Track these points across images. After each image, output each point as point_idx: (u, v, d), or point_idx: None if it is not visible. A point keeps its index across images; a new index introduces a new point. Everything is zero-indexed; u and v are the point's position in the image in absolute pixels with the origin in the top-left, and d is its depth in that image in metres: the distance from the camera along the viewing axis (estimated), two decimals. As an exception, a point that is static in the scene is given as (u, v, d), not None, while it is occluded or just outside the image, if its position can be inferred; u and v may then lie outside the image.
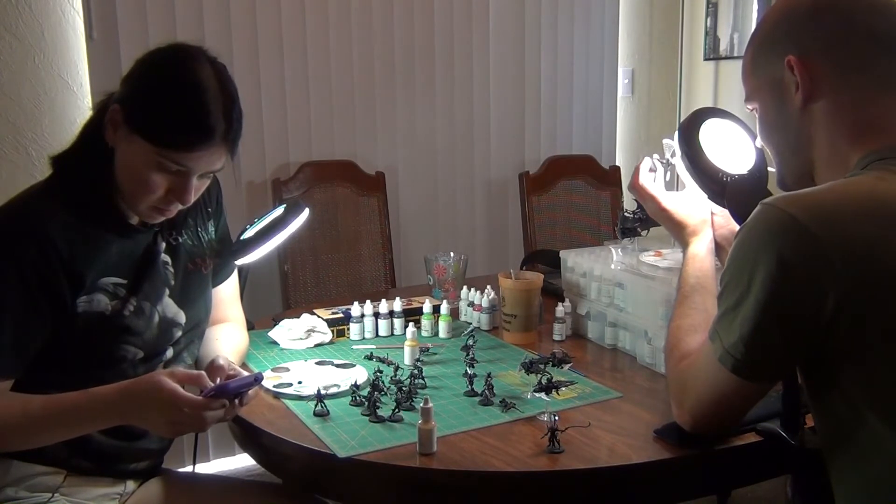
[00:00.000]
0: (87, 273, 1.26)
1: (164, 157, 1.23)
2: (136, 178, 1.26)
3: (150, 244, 1.37)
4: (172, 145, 1.22)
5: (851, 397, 0.96)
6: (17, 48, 2.31)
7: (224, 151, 1.28)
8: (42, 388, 1.25)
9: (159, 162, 1.23)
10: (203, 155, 1.24)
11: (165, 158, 1.23)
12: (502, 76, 3.18)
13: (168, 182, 1.26)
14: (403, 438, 1.24)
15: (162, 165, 1.24)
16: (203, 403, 1.19)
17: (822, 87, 1.06)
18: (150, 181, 1.25)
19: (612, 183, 3.27)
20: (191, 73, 1.24)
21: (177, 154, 1.23)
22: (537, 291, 1.71)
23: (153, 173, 1.24)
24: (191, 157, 1.24)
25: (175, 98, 1.23)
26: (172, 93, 1.24)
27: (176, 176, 1.26)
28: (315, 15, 2.76)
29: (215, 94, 1.24)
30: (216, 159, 1.27)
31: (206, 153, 1.24)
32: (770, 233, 0.97)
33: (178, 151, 1.23)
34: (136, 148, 1.24)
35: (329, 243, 2.77)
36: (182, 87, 1.24)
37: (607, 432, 1.26)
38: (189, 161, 1.24)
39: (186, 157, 1.24)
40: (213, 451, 2.68)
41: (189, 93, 1.23)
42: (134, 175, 1.26)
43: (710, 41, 3.42)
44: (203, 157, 1.25)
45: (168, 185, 1.27)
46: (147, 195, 1.26)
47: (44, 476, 1.29)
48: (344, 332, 1.77)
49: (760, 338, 1.00)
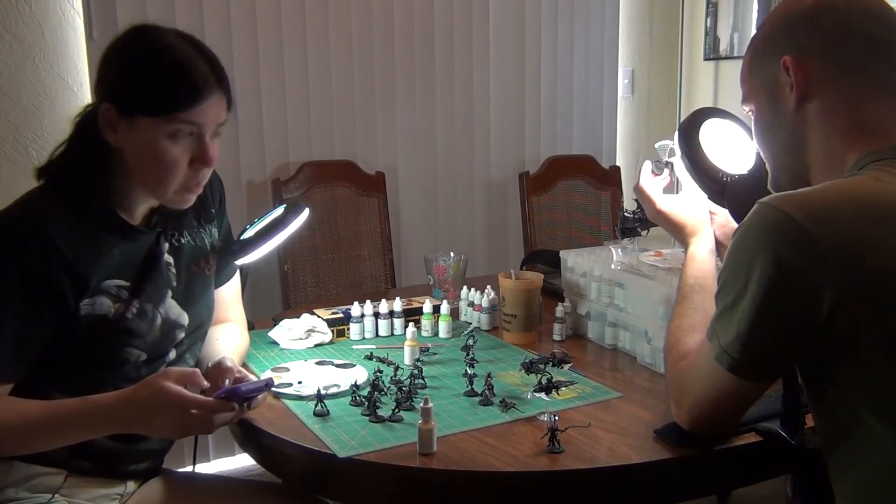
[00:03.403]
0: (90, 275, 1.26)
1: (174, 123, 1.23)
2: (155, 161, 1.25)
3: (153, 245, 1.37)
4: (178, 105, 1.22)
5: (849, 396, 0.96)
6: (17, 48, 2.31)
7: (223, 98, 1.28)
8: (45, 389, 1.25)
9: (171, 132, 1.23)
10: (207, 106, 1.25)
11: (175, 123, 1.23)
12: (502, 76, 3.18)
13: (186, 151, 1.26)
14: (403, 438, 1.24)
15: (175, 135, 1.24)
16: (213, 405, 1.19)
17: (817, 87, 1.07)
18: (169, 156, 1.24)
19: (612, 183, 3.27)
20: (158, 40, 1.27)
21: (184, 113, 1.23)
22: (537, 291, 1.72)
23: (169, 147, 1.24)
24: (198, 111, 1.24)
25: (158, 64, 1.24)
26: (154, 60, 1.25)
27: (191, 141, 1.26)
28: (315, 15, 2.76)
29: (190, 49, 1.27)
30: (220, 109, 1.28)
31: (209, 103, 1.25)
32: (767, 232, 0.97)
33: (184, 110, 1.23)
34: (144, 130, 1.23)
35: (329, 243, 2.77)
36: (159, 52, 1.25)
37: (607, 432, 1.26)
38: (198, 116, 1.24)
39: (194, 112, 1.24)
40: (213, 451, 2.68)
41: (167, 54, 1.25)
42: (152, 158, 1.25)
43: (710, 41, 3.42)
44: (208, 108, 1.25)
45: (188, 155, 1.27)
46: (172, 174, 1.26)
47: (44, 477, 1.29)
48: (344, 332, 1.77)
49: (757, 337, 1.00)
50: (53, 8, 2.35)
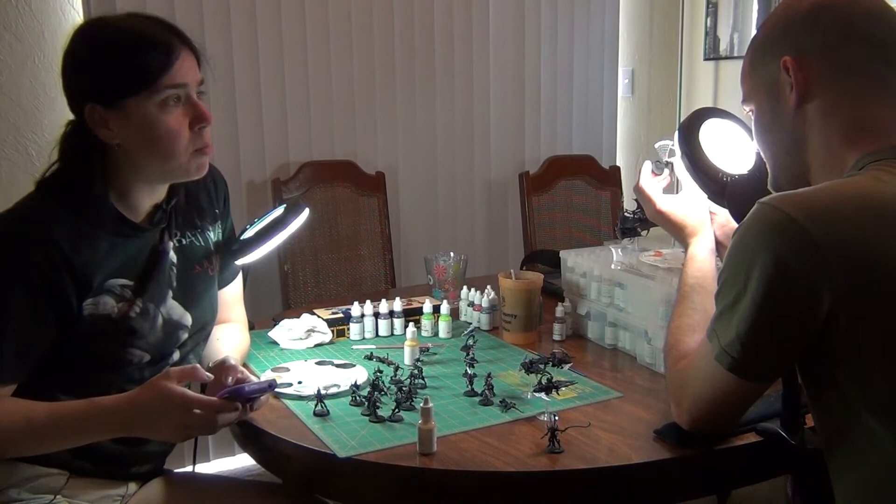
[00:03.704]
0: (93, 276, 1.26)
1: (158, 92, 1.24)
2: (157, 134, 1.26)
3: (157, 243, 1.37)
4: (154, 72, 1.23)
5: (848, 396, 0.97)
6: (17, 48, 2.31)
7: (192, 56, 1.30)
8: (50, 390, 1.25)
9: (160, 102, 1.24)
10: (181, 64, 1.26)
11: (160, 92, 1.24)
12: (502, 76, 3.18)
13: (182, 116, 1.27)
14: (403, 438, 1.24)
15: (164, 104, 1.25)
16: (217, 405, 1.19)
17: (817, 87, 1.07)
18: (168, 125, 1.26)
19: (612, 183, 3.27)
20: (109, 24, 1.29)
21: (164, 78, 1.24)
22: (537, 291, 1.72)
23: (165, 117, 1.25)
24: (176, 71, 1.25)
25: (122, 43, 1.25)
26: (116, 42, 1.26)
27: (182, 107, 1.27)
28: (315, 15, 2.76)
29: (143, 20, 1.29)
30: (193, 66, 1.29)
31: (181, 61, 1.26)
32: (766, 232, 0.97)
33: (162, 75, 1.24)
34: (135, 112, 1.24)
35: (329, 243, 2.77)
36: (116, 33, 1.27)
37: (607, 432, 1.26)
38: (178, 77, 1.25)
39: (173, 74, 1.25)
40: (213, 451, 2.68)
41: (125, 33, 1.27)
42: (154, 133, 1.26)
43: (710, 41, 3.42)
44: (183, 66, 1.26)
45: (185, 120, 1.28)
46: (177, 140, 1.27)
47: (46, 478, 1.29)
48: (344, 332, 1.77)
49: (757, 337, 1.00)
50: (53, 8, 2.35)
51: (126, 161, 1.29)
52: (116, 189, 1.31)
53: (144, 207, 1.35)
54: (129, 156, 1.28)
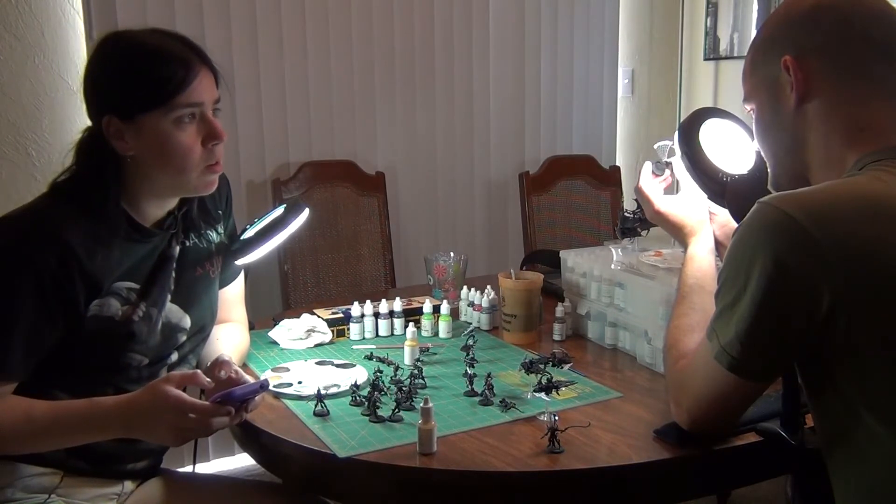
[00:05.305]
0: (104, 279, 1.27)
1: (175, 110, 1.25)
2: (170, 150, 1.27)
3: (165, 248, 1.37)
4: (172, 90, 1.25)
5: (847, 396, 0.97)
6: (17, 48, 2.31)
7: (210, 74, 1.31)
8: (48, 388, 1.25)
9: (175, 119, 1.26)
10: (199, 83, 1.27)
11: (176, 109, 1.25)
12: (502, 76, 3.18)
13: (196, 133, 1.29)
14: (403, 438, 1.24)
15: (179, 121, 1.26)
16: (210, 409, 1.20)
17: (817, 87, 1.07)
18: (181, 142, 1.27)
19: (612, 183, 3.27)
20: (132, 39, 1.30)
21: (180, 97, 1.25)
22: (537, 291, 1.72)
23: (179, 133, 1.27)
24: (192, 90, 1.26)
25: (141, 59, 1.27)
26: (136, 58, 1.27)
27: (196, 124, 1.29)
28: (315, 15, 2.76)
29: (163, 38, 1.30)
30: (210, 85, 1.31)
31: (199, 80, 1.27)
32: (766, 231, 0.97)
33: (179, 93, 1.25)
34: (150, 127, 1.25)
35: (329, 243, 2.77)
36: (138, 49, 1.28)
37: (607, 432, 1.26)
38: (194, 96, 1.27)
39: (189, 92, 1.26)
40: (213, 451, 2.68)
41: (146, 48, 1.28)
42: (167, 149, 1.27)
43: (710, 41, 3.42)
44: (200, 85, 1.28)
45: (198, 137, 1.29)
46: (189, 157, 1.28)
47: (40, 477, 1.29)
48: (344, 332, 1.77)
49: (756, 336, 1.00)
50: (53, 8, 2.35)
51: (138, 172, 1.30)
52: (128, 197, 1.32)
53: (156, 214, 1.36)
54: (142, 168, 1.29)
